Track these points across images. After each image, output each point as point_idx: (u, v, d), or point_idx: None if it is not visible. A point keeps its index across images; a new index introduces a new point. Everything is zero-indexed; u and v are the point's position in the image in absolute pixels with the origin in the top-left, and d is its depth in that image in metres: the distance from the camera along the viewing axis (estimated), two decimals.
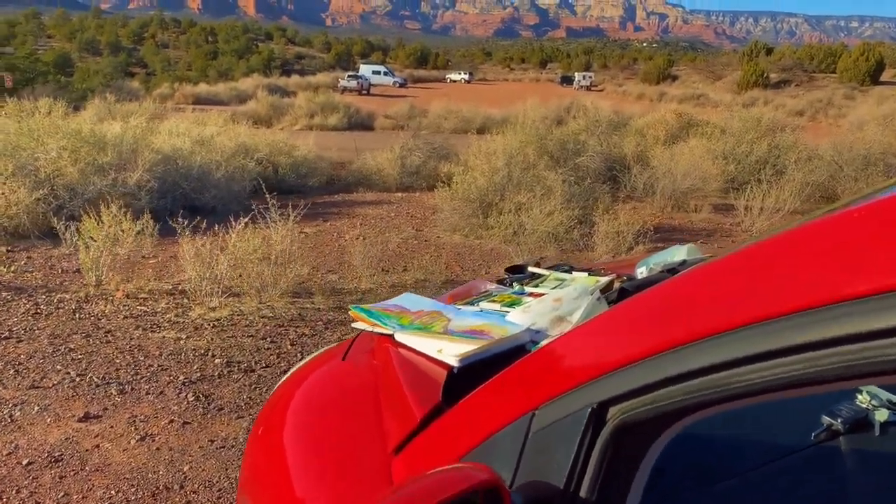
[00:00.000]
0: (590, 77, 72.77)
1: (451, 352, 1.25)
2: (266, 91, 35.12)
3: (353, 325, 1.44)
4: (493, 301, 1.49)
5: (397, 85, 62.09)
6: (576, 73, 77.52)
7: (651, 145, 12.73)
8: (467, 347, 1.25)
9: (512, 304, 1.45)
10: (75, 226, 5.77)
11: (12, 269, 6.29)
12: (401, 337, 1.35)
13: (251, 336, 4.44)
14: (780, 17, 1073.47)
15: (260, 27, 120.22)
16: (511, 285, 1.64)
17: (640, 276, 1.59)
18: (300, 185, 12.64)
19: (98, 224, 5.57)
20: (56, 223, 6.09)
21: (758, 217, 9.02)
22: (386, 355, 1.33)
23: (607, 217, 6.90)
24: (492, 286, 1.64)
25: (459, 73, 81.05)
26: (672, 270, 1.46)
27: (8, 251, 7.20)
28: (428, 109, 27.77)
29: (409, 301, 1.50)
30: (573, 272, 1.69)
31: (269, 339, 4.40)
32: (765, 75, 58.44)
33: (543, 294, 1.48)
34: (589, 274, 1.66)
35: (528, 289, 1.58)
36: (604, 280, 1.55)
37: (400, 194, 12.39)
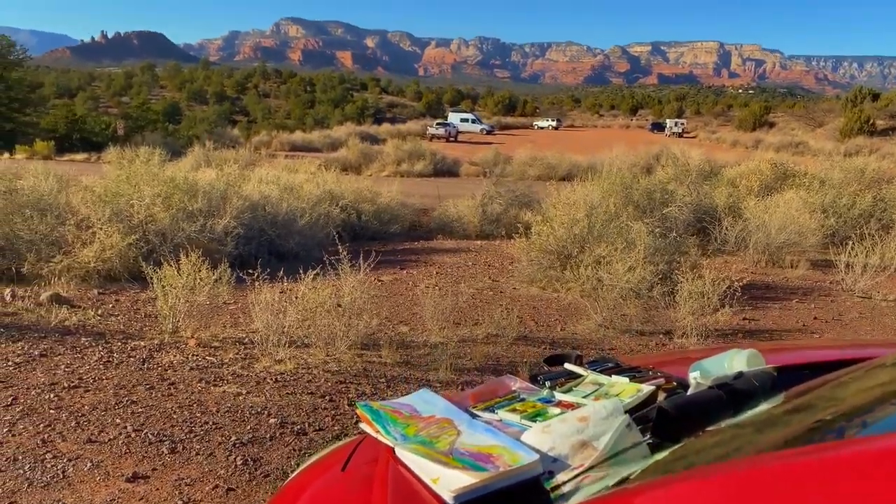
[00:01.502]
0: (682, 124, 71.25)
1: (447, 483, 1.08)
2: (357, 138, 36.22)
3: (360, 425, 1.30)
4: (515, 410, 1.31)
5: (484, 132, 62.73)
6: (667, 120, 76.09)
7: (744, 196, 12.16)
8: (467, 480, 1.08)
9: (535, 416, 1.27)
10: (161, 270, 5.93)
11: (99, 312, 6.52)
12: (401, 453, 1.20)
13: (311, 393, 4.36)
14: (887, 62, 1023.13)
15: (356, 78, 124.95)
16: (542, 384, 1.46)
17: (692, 381, 1.38)
18: (382, 231, 12.78)
19: (177, 272, 5.70)
20: (145, 267, 6.28)
21: (861, 276, 8.37)
22: (384, 472, 1.17)
23: (691, 275, 6.52)
24: (520, 385, 1.46)
25: (547, 120, 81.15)
26: (724, 386, 1.25)
27: (99, 293, 7.51)
28: (513, 156, 27.79)
29: (423, 401, 1.35)
30: (615, 374, 1.50)
31: (328, 398, 4.31)
32: (870, 122, 55.52)
33: (573, 403, 1.30)
34: (632, 378, 1.46)
35: (558, 394, 1.40)
36: (644, 391, 1.34)
37: (479, 242, 12.30)
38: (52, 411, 3.86)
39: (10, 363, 4.61)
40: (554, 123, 78.64)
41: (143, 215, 8.84)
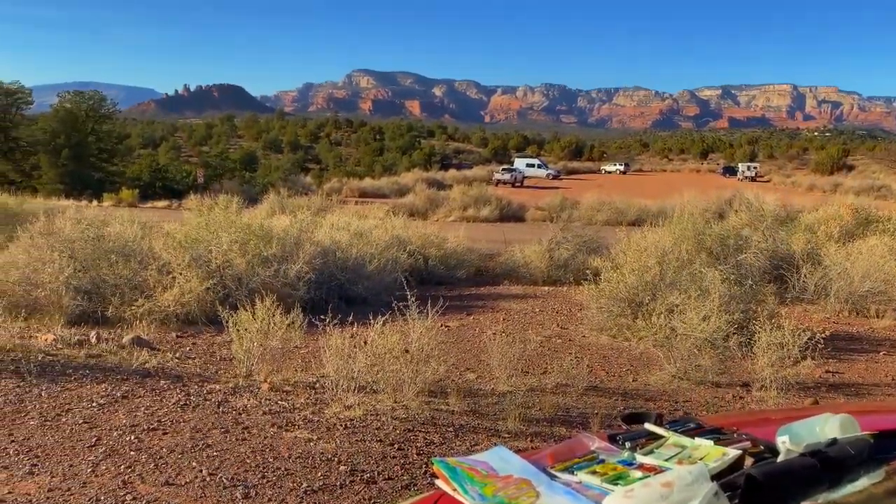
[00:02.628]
0: (755, 167, 69.42)
1: None
2: (424, 184, 36.80)
3: (436, 482, 1.29)
4: (595, 472, 1.28)
5: (551, 177, 62.70)
6: (739, 164, 74.27)
7: (823, 242, 11.69)
8: None
9: (616, 479, 1.23)
10: (236, 315, 6.09)
11: (177, 354, 6.75)
12: None
13: (380, 440, 4.37)
14: None
15: (423, 125, 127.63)
16: (622, 445, 1.43)
17: (780, 446, 1.32)
18: (448, 276, 12.84)
19: (252, 316, 5.86)
20: (221, 311, 6.47)
21: None
22: None
23: (770, 325, 6.27)
24: (599, 445, 1.42)
25: (615, 165, 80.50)
26: (818, 454, 1.19)
27: (178, 336, 7.77)
28: (580, 201, 27.63)
29: (500, 459, 1.33)
30: (698, 436, 1.44)
31: (396, 446, 4.30)
32: None
33: (655, 467, 1.26)
34: (716, 440, 1.40)
35: (639, 456, 1.36)
36: (730, 456, 1.29)
37: (546, 288, 12.20)
38: (132, 453, 3.99)
39: (94, 404, 4.80)
40: (622, 168, 77.93)
41: (221, 261, 9.16)
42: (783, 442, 1.32)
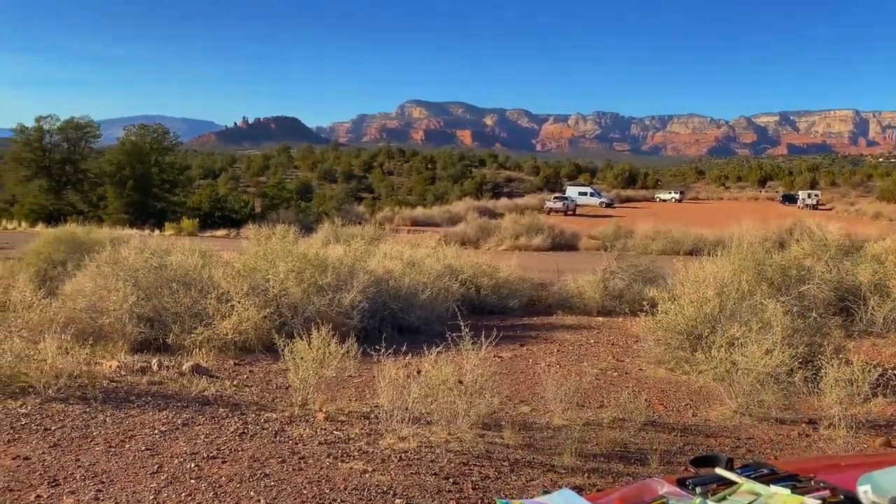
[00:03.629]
0: (816, 195, 67.41)
1: None
2: (476, 213, 36.93)
3: None
4: None
5: (604, 205, 62.15)
6: (800, 192, 72.24)
7: (892, 273, 11.22)
8: None
9: None
10: (292, 343, 6.17)
11: (235, 382, 6.87)
12: None
13: (435, 474, 4.34)
14: None
15: (475, 154, 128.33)
16: (692, 490, 1.38)
17: (862, 497, 1.25)
18: (500, 306, 12.76)
19: (308, 345, 5.93)
20: (277, 339, 6.56)
21: None
22: None
23: (837, 359, 6.03)
24: (668, 490, 1.38)
25: (669, 193, 79.31)
26: None
27: (235, 364, 7.92)
28: (634, 230, 27.24)
29: (566, 503, 1.31)
30: (773, 483, 1.38)
31: (451, 480, 4.27)
32: None
33: None
34: (793, 488, 1.34)
35: (711, 503, 1.31)
36: None
37: (601, 319, 12.01)
38: (192, 481, 4.06)
39: (156, 431, 4.92)
40: (677, 196, 76.72)
41: (278, 289, 9.32)
42: (865, 492, 1.26)
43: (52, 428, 4.92)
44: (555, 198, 57.83)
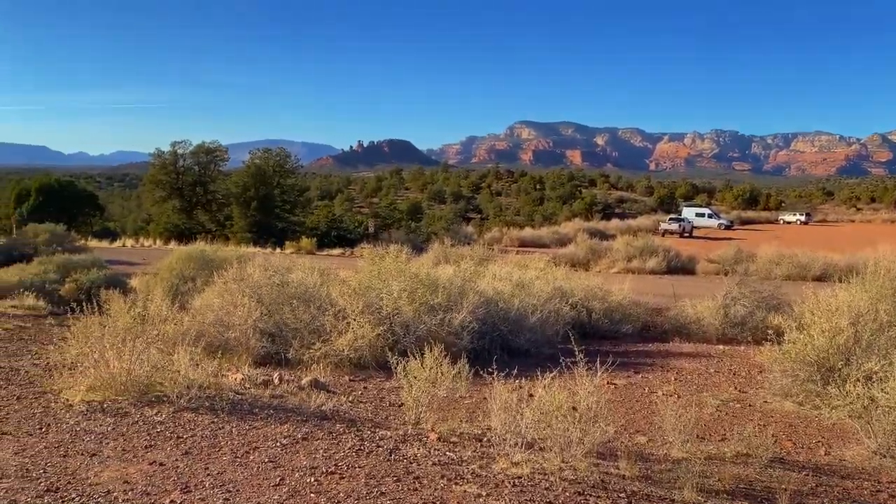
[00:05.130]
0: None
1: None
2: (586, 234, 36.30)
3: None
4: None
5: (723, 227, 59.55)
6: None
7: None
8: None
9: None
10: (405, 362, 6.26)
11: (350, 398, 7.05)
12: None
13: (549, 502, 4.26)
14: None
15: (584, 174, 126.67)
16: None
17: None
18: (613, 330, 12.46)
19: (421, 365, 6.00)
20: (390, 357, 6.68)
21: None
22: None
23: None
24: None
25: (794, 214, 75.02)
26: None
27: (350, 380, 8.14)
28: (756, 253, 25.88)
29: None
30: None
31: None
32: None
33: None
34: None
35: None
36: None
37: (721, 347, 11.46)
38: (312, 495, 4.18)
39: (278, 444, 5.11)
40: (802, 218, 72.44)
41: (391, 308, 9.52)
42: None
43: (184, 436, 5.22)
44: (670, 219, 55.99)
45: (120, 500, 4.04)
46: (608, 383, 8.10)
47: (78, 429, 5.34)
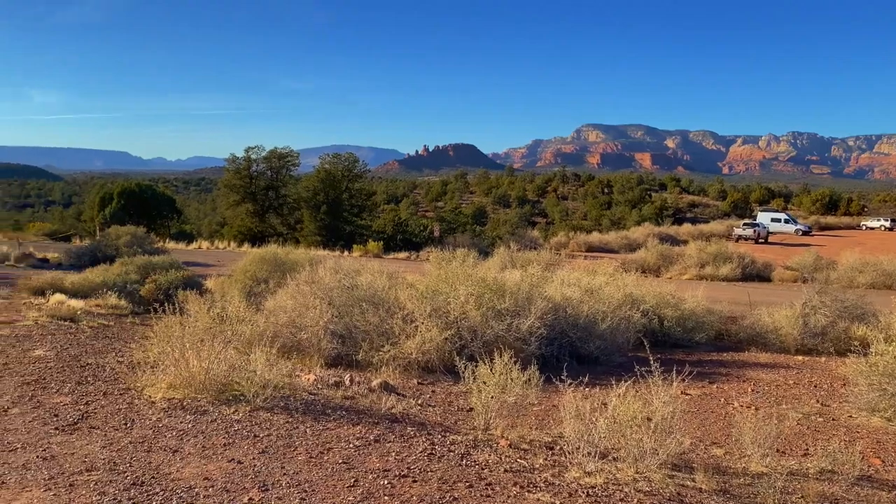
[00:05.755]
0: None
1: None
2: (656, 239, 35.53)
3: None
4: None
5: (800, 233, 57.25)
6: None
7: None
8: None
9: None
10: (473, 366, 6.26)
11: (419, 401, 7.09)
12: None
13: None
14: None
15: (654, 178, 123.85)
16: None
17: None
18: (686, 339, 12.15)
19: (490, 370, 5.98)
20: (457, 361, 6.69)
21: None
22: None
23: None
24: None
25: (878, 220, 71.41)
26: None
27: (418, 383, 8.18)
28: (837, 260, 24.80)
29: None
30: None
31: None
32: None
33: None
34: None
35: None
36: None
37: (800, 358, 11.02)
38: (386, 498, 4.22)
39: (351, 445, 5.19)
40: (887, 224, 68.88)
41: (458, 312, 9.53)
42: None
43: (261, 435, 5.35)
44: (744, 224, 54.13)
45: (201, 497, 4.17)
46: (682, 393, 7.89)
47: (160, 425, 5.55)
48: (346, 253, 32.57)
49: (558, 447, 5.38)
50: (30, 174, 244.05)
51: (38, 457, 4.79)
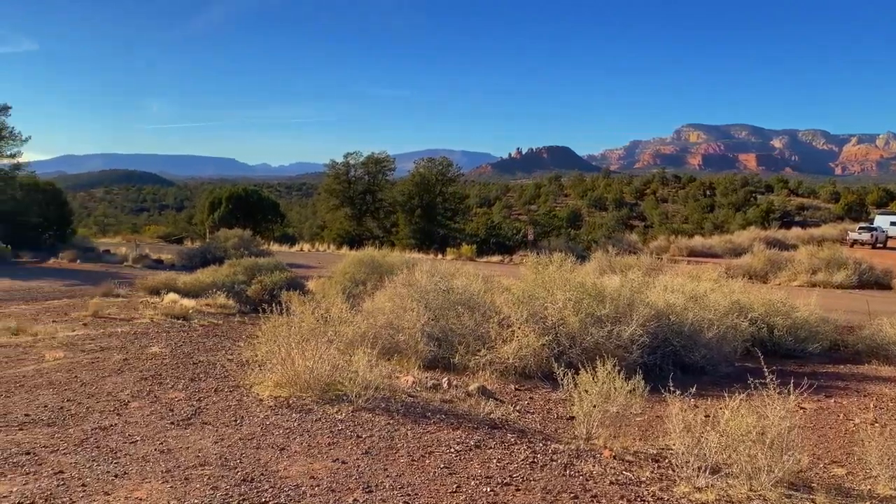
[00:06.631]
0: None
1: None
2: (763, 244, 33.91)
3: None
4: None
5: None
6: None
7: None
8: None
9: None
10: (572, 373, 6.13)
11: (517, 408, 7.01)
12: None
13: None
14: None
15: (760, 180, 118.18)
16: None
17: None
18: (798, 349, 11.50)
19: (593, 379, 5.83)
20: (556, 368, 6.58)
21: None
22: None
23: None
24: None
25: None
26: None
27: (515, 389, 8.10)
28: None
29: None
30: None
31: None
32: None
33: None
34: None
35: None
36: None
37: None
38: None
39: (451, 450, 5.18)
40: None
41: (556, 318, 9.37)
42: None
43: (363, 436, 5.43)
44: (860, 228, 50.72)
45: (308, 495, 4.27)
46: (797, 406, 7.44)
47: (268, 423, 5.73)
48: (439, 256, 32.83)
49: (665, 460, 5.18)
50: (146, 180, 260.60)
51: (155, 450, 5.04)
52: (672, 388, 5.47)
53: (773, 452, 4.75)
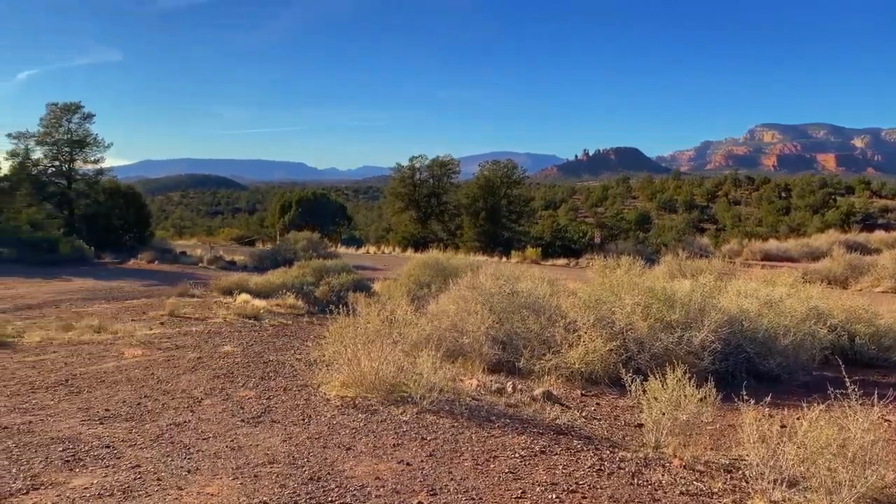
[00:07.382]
0: None
1: None
2: (842, 247, 32.45)
3: None
4: None
5: None
6: None
7: None
8: None
9: None
10: (640, 379, 6.00)
11: (583, 413, 6.90)
12: None
13: None
14: None
15: (839, 181, 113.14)
16: None
17: None
18: (881, 358, 10.96)
19: (662, 386, 5.69)
20: (623, 374, 6.45)
21: None
22: None
23: None
24: None
25: None
26: None
27: (582, 395, 7.98)
28: None
29: None
30: None
31: None
32: None
33: None
34: None
35: None
36: None
37: None
38: None
39: (516, 455, 5.14)
40: None
41: (624, 323, 9.19)
42: None
43: (428, 438, 5.45)
44: None
45: (373, 496, 4.31)
46: (881, 418, 7.07)
47: (334, 422, 5.82)
48: (504, 259, 32.70)
49: (738, 471, 5.00)
50: (219, 184, 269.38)
51: (226, 447, 5.19)
52: (745, 397, 5.29)
53: (855, 467, 4.51)
